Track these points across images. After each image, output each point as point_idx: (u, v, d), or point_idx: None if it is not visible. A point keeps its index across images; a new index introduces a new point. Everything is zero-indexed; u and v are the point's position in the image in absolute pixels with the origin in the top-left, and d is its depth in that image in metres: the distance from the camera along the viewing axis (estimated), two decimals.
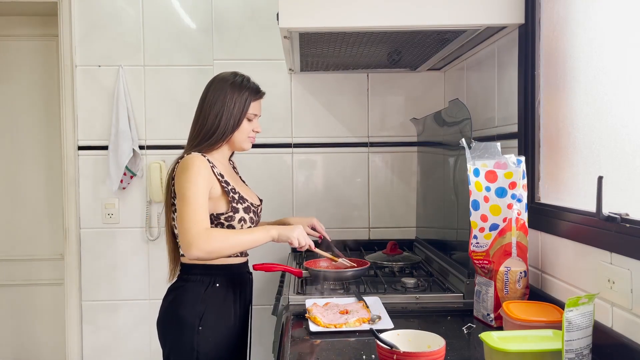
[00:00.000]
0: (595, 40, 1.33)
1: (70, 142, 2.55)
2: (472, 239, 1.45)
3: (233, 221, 1.63)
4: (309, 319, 1.43)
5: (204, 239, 1.49)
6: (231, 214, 1.63)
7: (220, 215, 1.62)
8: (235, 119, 1.68)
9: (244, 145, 1.74)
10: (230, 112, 1.67)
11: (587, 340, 1.05)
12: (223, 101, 1.68)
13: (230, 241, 1.53)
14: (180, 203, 1.55)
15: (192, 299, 1.62)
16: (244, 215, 1.66)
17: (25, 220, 3.02)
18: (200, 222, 1.52)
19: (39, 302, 3.03)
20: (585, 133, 1.36)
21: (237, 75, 1.73)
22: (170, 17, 2.56)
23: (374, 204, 2.62)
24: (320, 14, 1.63)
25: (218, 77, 1.74)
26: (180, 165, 1.62)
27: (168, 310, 1.65)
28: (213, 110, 1.68)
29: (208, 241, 1.49)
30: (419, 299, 1.64)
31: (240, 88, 1.69)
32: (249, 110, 1.70)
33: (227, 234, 1.54)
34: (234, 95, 1.68)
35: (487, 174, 1.43)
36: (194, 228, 1.50)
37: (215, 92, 1.70)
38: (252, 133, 1.75)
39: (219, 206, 1.63)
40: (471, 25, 1.66)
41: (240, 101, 1.68)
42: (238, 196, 1.67)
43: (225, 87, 1.70)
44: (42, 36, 2.97)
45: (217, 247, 1.50)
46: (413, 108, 2.59)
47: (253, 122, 1.74)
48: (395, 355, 1.06)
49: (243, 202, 1.67)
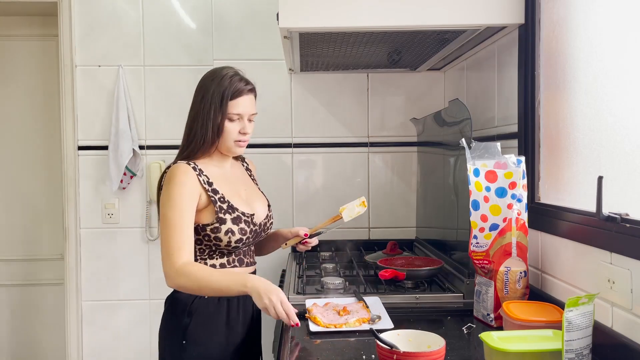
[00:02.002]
0: (595, 40, 1.33)
1: (70, 142, 2.55)
2: (472, 239, 1.45)
3: (219, 232, 1.50)
4: (309, 319, 1.43)
5: (174, 276, 1.41)
6: (217, 225, 1.50)
7: (206, 226, 1.50)
8: (214, 122, 1.50)
9: (234, 150, 1.57)
10: (206, 114, 1.50)
11: (587, 340, 1.05)
12: (201, 100, 1.51)
13: (200, 284, 1.40)
14: (162, 224, 1.46)
15: (179, 310, 1.52)
16: (232, 227, 1.51)
17: (25, 220, 3.02)
18: (177, 253, 1.42)
19: (39, 302, 3.04)
20: (585, 133, 1.36)
21: (224, 69, 1.55)
22: (170, 17, 2.56)
23: (374, 204, 2.62)
24: (320, 14, 1.63)
25: (206, 74, 1.59)
26: (165, 178, 1.52)
27: (162, 320, 1.59)
28: (193, 110, 1.54)
29: (179, 279, 1.41)
30: (419, 299, 1.64)
31: (219, 85, 1.51)
32: (228, 110, 1.51)
33: (199, 277, 1.40)
34: (210, 93, 1.50)
35: (487, 174, 1.43)
36: (169, 260, 1.42)
37: (197, 91, 1.56)
38: (239, 136, 1.55)
39: (205, 216, 1.51)
40: (471, 25, 1.66)
41: (216, 100, 1.50)
42: (227, 205, 1.53)
43: (205, 84, 1.54)
44: (42, 36, 2.97)
45: (186, 287, 1.44)
46: (413, 108, 2.59)
47: (238, 123, 1.54)
48: (395, 355, 1.06)
49: (232, 212, 1.53)
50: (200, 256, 1.55)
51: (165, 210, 1.46)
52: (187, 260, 1.43)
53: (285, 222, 2.57)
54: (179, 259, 1.42)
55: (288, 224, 2.57)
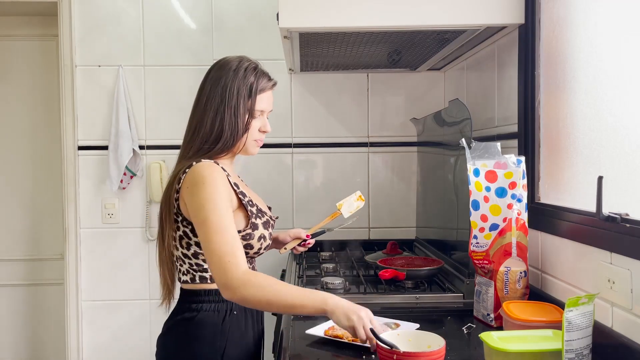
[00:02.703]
0: (595, 40, 1.33)
1: (70, 142, 2.55)
2: (472, 239, 1.45)
3: (252, 239, 1.37)
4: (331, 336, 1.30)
5: (240, 286, 1.21)
6: (250, 232, 1.37)
7: (238, 232, 1.33)
8: (242, 118, 1.38)
9: (251, 150, 1.44)
10: (234, 109, 1.37)
11: (587, 340, 1.05)
12: (223, 95, 1.37)
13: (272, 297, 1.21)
14: (205, 229, 1.27)
15: (210, 333, 1.34)
16: (264, 232, 1.41)
17: (25, 220, 3.02)
18: (234, 260, 1.24)
19: (39, 302, 3.04)
20: (585, 133, 1.36)
21: (242, 60, 1.42)
22: (170, 17, 2.56)
23: (374, 204, 2.62)
24: (320, 14, 1.63)
25: (219, 63, 1.43)
26: (190, 177, 1.32)
27: (177, 349, 1.36)
28: (212, 106, 1.38)
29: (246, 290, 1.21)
30: (419, 299, 1.64)
31: (245, 78, 1.38)
32: (256, 106, 1.40)
33: (273, 290, 1.22)
34: (234, 86, 1.38)
35: (487, 174, 1.43)
36: (227, 270, 1.23)
37: (212, 83, 1.40)
38: (259, 134, 1.44)
39: (237, 222, 1.35)
40: (471, 25, 1.66)
41: (243, 94, 1.37)
42: (256, 209, 1.41)
43: (224, 76, 1.39)
44: (42, 36, 2.97)
45: (253, 300, 1.23)
46: (413, 108, 2.59)
47: (261, 120, 1.43)
48: (395, 355, 1.06)
49: (262, 216, 1.42)
50: None
51: (206, 213, 1.27)
52: (246, 267, 1.25)
53: (285, 223, 2.57)
54: (239, 267, 1.24)
55: (288, 224, 2.57)
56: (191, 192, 1.30)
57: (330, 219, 1.71)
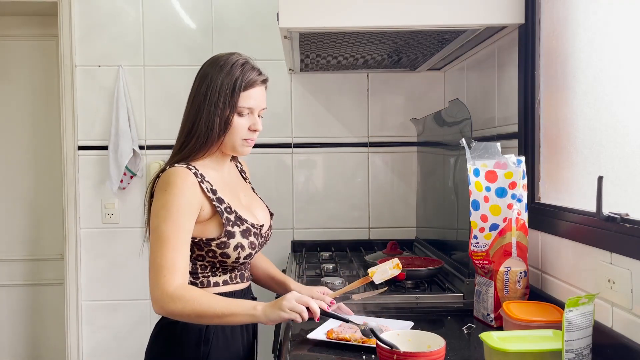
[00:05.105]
0: (595, 40, 1.33)
1: (70, 142, 2.55)
2: (472, 239, 1.45)
3: (227, 248, 1.33)
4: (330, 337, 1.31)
5: (167, 301, 1.21)
6: (224, 240, 1.32)
7: (211, 241, 1.32)
8: (222, 116, 1.32)
9: (240, 150, 1.38)
10: (213, 106, 1.31)
11: (587, 340, 1.05)
12: (206, 91, 1.32)
13: (200, 311, 1.21)
14: (153, 238, 1.26)
15: (193, 338, 1.32)
16: (242, 241, 1.34)
17: (25, 220, 3.02)
18: (170, 275, 1.22)
19: (39, 302, 3.03)
20: (585, 133, 1.36)
21: (232, 55, 1.37)
22: (170, 17, 2.56)
23: (374, 204, 2.62)
24: (320, 14, 1.63)
25: (210, 59, 1.40)
26: (159, 182, 1.30)
27: (161, 352, 1.36)
28: (194, 103, 1.34)
29: (173, 305, 1.21)
30: (419, 299, 1.64)
31: (229, 74, 1.32)
32: (239, 103, 1.33)
33: (200, 303, 1.21)
34: (217, 83, 1.32)
35: (487, 174, 1.43)
36: (159, 283, 1.22)
37: (199, 81, 1.36)
38: (248, 133, 1.37)
39: (210, 230, 1.32)
40: (471, 25, 1.66)
41: (225, 91, 1.31)
42: (234, 217, 1.35)
43: (210, 72, 1.34)
44: (41, 36, 2.97)
45: (181, 314, 1.23)
46: (413, 108, 2.59)
47: (248, 119, 1.36)
48: (395, 355, 1.06)
49: (241, 224, 1.35)
50: (203, 273, 1.37)
51: (159, 221, 1.25)
52: (181, 283, 1.24)
53: (285, 222, 2.57)
54: (172, 282, 1.22)
55: (288, 224, 2.57)
56: (155, 198, 1.30)
57: (359, 284, 1.53)
